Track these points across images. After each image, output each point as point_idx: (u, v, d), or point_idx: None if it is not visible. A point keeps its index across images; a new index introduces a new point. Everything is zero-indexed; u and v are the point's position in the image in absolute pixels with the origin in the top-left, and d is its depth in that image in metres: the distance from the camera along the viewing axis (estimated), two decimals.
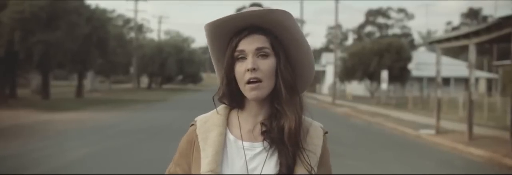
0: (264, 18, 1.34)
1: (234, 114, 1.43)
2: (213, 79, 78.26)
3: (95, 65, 28.54)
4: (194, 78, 53.31)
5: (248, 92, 1.33)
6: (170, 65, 45.87)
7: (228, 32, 1.37)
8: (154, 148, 9.21)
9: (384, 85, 26.22)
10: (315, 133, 1.40)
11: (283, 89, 1.34)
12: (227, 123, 1.41)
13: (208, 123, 1.41)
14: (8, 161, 7.80)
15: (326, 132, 1.44)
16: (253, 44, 1.34)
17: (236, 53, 1.35)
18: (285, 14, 1.33)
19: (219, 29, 1.36)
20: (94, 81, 38.29)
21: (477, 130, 11.90)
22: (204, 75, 58.60)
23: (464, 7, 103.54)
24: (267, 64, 1.33)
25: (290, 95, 1.34)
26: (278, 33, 1.37)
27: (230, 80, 1.36)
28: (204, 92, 40.10)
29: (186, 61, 48.30)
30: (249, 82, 1.32)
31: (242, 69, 1.33)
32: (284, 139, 1.32)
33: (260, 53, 1.34)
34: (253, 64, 1.31)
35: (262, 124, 1.37)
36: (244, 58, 1.34)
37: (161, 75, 48.79)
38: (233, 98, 1.39)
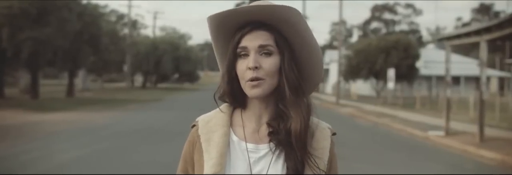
0: (268, 13, 1.32)
1: (237, 113, 1.42)
2: (210, 78, 78.26)
3: (87, 63, 28.54)
4: (191, 77, 53.28)
5: (249, 89, 1.32)
6: (166, 63, 45.86)
7: (232, 27, 1.36)
8: (148, 150, 9.21)
9: (390, 85, 26.20)
10: (322, 135, 1.38)
11: (287, 89, 1.32)
12: (230, 122, 1.40)
13: (211, 123, 1.39)
14: None
15: (334, 133, 1.42)
16: (256, 40, 1.32)
17: (238, 50, 1.34)
18: (290, 10, 1.31)
19: (222, 24, 1.35)
20: (85, 80, 38.26)
21: (488, 131, 11.89)
22: (201, 74, 58.63)
23: (475, 2, 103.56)
24: (270, 62, 1.32)
25: (295, 96, 1.33)
26: (283, 29, 1.35)
27: (232, 78, 1.36)
28: (202, 91, 40.09)
29: (183, 59, 48.28)
30: (250, 80, 1.32)
31: (243, 67, 1.32)
32: (292, 141, 1.31)
33: (263, 51, 1.32)
34: (254, 62, 1.30)
35: (268, 124, 1.36)
36: (246, 55, 1.33)
37: (156, 74, 48.77)
38: (235, 97, 1.38)
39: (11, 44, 20.56)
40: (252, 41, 1.32)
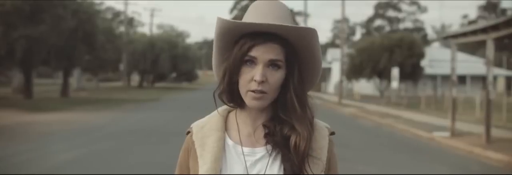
0: (287, 31, 1.33)
1: (232, 117, 1.43)
2: (209, 77, 78.20)
3: (82, 62, 28.54)
4: (188, 76, 53.38)
5: (250, 100, 1.33)
6: (163, 62, 45.88)
7: (242, 32, 1.35)
8: (144, 152, 9.22)
9: (394, 84, 26.20)
10: (320, 134, 1.40)
11: (297, 104, 1.35)
12: (225, 127, 1.41)
13: (205, 128, 1.41)
14: None
15: (333, 133, 1.44)
16: (268, 54, 1.32)
17: (246, 58, 1.34)
18: (311, 32, 1.33)
19: (231, 29, 1.35)
20: (80, 80, 38.29)
21: (495, 132, 11.89)
22: (199, 73, 58.65)
23: None
24: (277, 77, 1.33)
25: (303, 110, 1.35)
26: (296, 45, 1.36)
27: (233, 82, 1.36)
28: (200, 91, 40.12)
29: (180, 58, 48.31)
30: (253, 92, 1.33)
31: (248, 77, 1.33)
32: (288, 145, 1.33)
33: (272, 65, 1.33)
34: (262, 76, 1.31)
35: (264, 126, 1.38)
36: (253, 63, 1.33)
37: (153, 73, 48.80)
38: (233, 98, 1.39)
39: (4, 43, 20.56)
40: (263, 53, 1.32)
